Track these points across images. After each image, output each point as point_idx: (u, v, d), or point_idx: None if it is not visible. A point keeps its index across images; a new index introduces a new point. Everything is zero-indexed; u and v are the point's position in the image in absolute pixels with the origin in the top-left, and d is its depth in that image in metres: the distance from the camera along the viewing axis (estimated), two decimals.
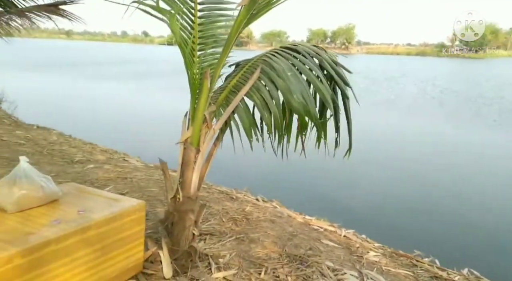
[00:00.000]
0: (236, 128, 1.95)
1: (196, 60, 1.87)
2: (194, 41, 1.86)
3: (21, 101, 8.33)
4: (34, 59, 26.11)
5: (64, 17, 6.14)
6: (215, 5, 1.98)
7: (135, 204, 1.75)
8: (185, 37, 1.80)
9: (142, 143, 7.41)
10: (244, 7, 1.73)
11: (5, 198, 1.53)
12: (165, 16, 1.66)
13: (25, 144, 4.29)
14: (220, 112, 1.95)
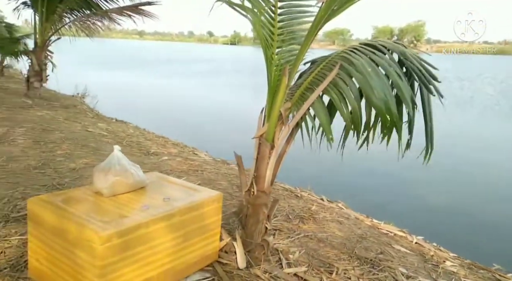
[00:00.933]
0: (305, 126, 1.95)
1: (274, 57, 1.89)
2: (273, 39, 1.88)
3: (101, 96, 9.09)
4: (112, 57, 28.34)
5: (143, 16, 6.60)
6: (295, 1, 1.98)
7: (213, 195, 1.83)
8: (266, 35, 1.83)
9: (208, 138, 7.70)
10: (325, 2, 1.72)
11: (101, 183, 1.69)
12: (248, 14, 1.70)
13: (107, 135, 4.68)
14: (295, 109, 1.96)
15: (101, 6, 6.61)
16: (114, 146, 1.81)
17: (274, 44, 1.88)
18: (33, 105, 5.85)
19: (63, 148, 3.56)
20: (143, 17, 6.59)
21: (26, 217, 2.07)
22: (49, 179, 2.68)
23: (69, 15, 6.67)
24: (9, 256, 1.69)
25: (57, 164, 3.06)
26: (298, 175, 2.15)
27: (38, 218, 1.53)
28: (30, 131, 3.98)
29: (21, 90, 7.27)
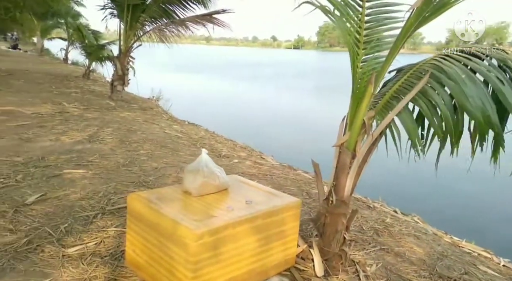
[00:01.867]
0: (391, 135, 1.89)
1: (359, 64, 1.87)
2: (359, 46, 1.87)
3: (173, 98, 9.63)
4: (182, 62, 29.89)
5: (216, 25, 6.91)
6: (383, 8, 1.95)
7: (293, 201, 1.86)
8: (352, 42, 1.82)
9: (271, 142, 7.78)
10: (416, 9, 1.66)
11: (190, 184, 1.80)
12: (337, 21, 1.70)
13: (182, 137, 4.95)
14: (378, 118, 1.92)
15: (179, 15, 7.05)
16: (202, 149, 1.92)
17: (360, 51, 1.86)
18: (116, 107, 6.39)
19: (145, 148, 3.84)
20: (214, 26, 6.90)
21: (120, 210, 2.29)
22: (136, 177, 2.91)
23: (150, 23, 7.20)
24: (108, 246, 1.87)
25: (141, 162, 3.31)
26: (365, 184, 2.08)
27: (136, 213, 1.68)
28: (116, 131, 4.35)
29: (105, 92, 8.00)
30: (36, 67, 12.96)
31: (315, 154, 2.03)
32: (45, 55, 23.26)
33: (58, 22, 20.88)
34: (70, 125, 4.34)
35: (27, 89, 7.02)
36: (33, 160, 2.95)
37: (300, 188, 3.36)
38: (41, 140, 3.58)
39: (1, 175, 2.56)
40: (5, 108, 4.80)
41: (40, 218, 2.05)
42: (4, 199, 2.21)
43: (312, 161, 2.09)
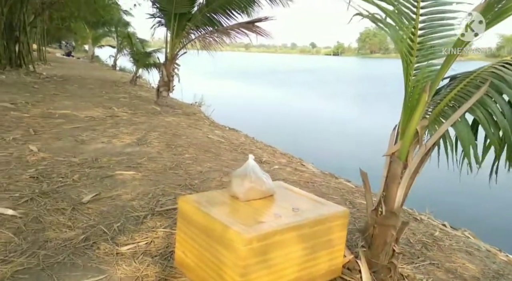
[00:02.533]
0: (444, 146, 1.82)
1: (412, 72, 1.82)
2: (412, 54, 1.82)
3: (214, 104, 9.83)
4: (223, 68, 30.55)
5: (258, 33, 7.01)
6: (438, 15, 1.89)
7: (341, 211, 1.83)
8: (405, 50, 1.78)
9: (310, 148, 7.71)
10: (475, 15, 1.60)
11: (238, 188, 1.83)
12: (389, 30, 1.67)
13: (224, 142, 5.04)
14: (431, 127, 1.85)
15: (223, 23, 7.22)
16: (249, 155, 1.95)
17: (413, 59, 1.82)
18: (161, 112, 6.63)
19: (190, 152, 3.94)
20: (257, 35, 7.00)
21: (168, 212, 2.37)
22: (182, 180, 3.00)
23: (194, 31, 7.43)
24: (157, 246, 1.94)
25: (187, 166, 3.41)
26: (410, 196, 2.00)
27: (187, 215, 1.73)
28: (162, 135, 4.51)
29: (150, 97, 8.32)
30: (88, 73, 13.78)
31: (357, 162, 2.00)
32: (95, 61, 24.68)
33: (109, 30, 22.12)
34: (120, 128, 4.56)
35: (81, 94, 7.47)
36: (87, 161, 3.13)
37: (343, 197, 3.31)
38: (94, 142, 3.79)
39: (60, 175, 2.74)
40: (62, 112, 5.14)
41: (95, 216, 2.17)
42: (63, 197, 2.36)
43: (360, 170, 2.05)
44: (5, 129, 3.85)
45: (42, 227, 1.96)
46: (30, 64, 11.09)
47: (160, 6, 7.03)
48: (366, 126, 11.42)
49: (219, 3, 6.87)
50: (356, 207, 3.10)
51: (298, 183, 3.54)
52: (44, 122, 4.38)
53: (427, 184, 5.56)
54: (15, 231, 1.88)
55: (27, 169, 2.75)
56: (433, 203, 4.36)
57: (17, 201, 2.21)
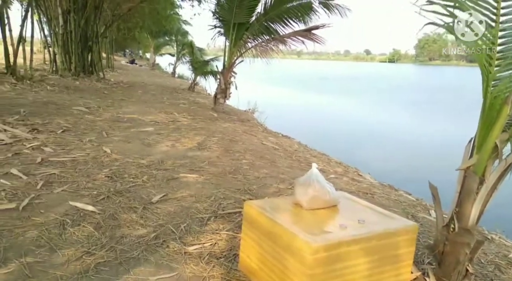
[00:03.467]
0: None
1: (492, 83, 1.72)
2: (491, 64, 1.72)
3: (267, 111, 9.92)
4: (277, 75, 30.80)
5: (314, 40, 7.00)
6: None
7: (409, 225, 1.77)
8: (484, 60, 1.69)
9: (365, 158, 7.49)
10: None
11: (302, 196, 1.84)
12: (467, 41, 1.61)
13: (278, 149, 5.08)
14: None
15: (279, 31, 7.31)
16: (313, 164, 1.95)
17: (492, 69, 1.72)
18: (218, 118, 6.84)
19: (246, 158, 4.03)
20: (314, 43, 6.99)
21: (230, 215, 2.44)
22: (241, 184, 3.07)
23: (251, 40, 7.60)
24: (221, 248, 2.01)
25: (245, 171, 3.48)
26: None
27: (252, 220, 1.78)
28: (220, 140, 4.66)
29: (208, 104, 8.62)
30: (150, 79, 14.62)
31: (415, 173, 1.92)
32: (156, 69, 26.11)
33: (169, 39, 23.36)
34: (182, 133, 4.78)
35: (144, 99, 7.95)
36: (154, 163, 3.32)
37: (404, 211, 3.17)
38: (159, 145, 4.01)
39: (130, 175, 2.94)
40: (129, 116, 5.51)
41: (164, 216, 2.30)
42: (134, 196, 2.53)
43: (430, 183, 1.97)
44: (82, 132, 4.21)
45: (117, 224, 2.11)
46: (100, 71, 12.02)
47: (221, 16, 7.30)
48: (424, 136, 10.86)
49: (277, 13, 6.97)
50: (419, 222, 2.95)
51: (357, 194, 3.46)
52: (114, 126, 4.73)
53: (496, 201, 5.14)
54: (95, 226, 2.05)
55: (102, 169, 2.98)
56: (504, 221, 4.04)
57: (95, 198, 2.41)
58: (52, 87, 7.71)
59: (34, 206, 2.21)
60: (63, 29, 10.41)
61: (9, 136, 3.64)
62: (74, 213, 2.18)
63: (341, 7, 6.79)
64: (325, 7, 6.84)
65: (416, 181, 5.62)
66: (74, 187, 2.56)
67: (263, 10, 7.12)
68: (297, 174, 3.80)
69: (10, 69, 8.04)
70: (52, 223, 2.03)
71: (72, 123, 4.53)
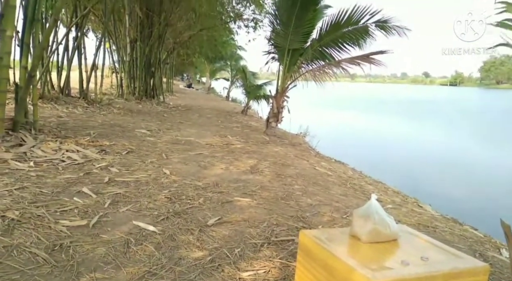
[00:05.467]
0: None
1: None
2: None
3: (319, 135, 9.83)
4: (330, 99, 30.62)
5: (373, 64, 6.88)
6: None
7: (480, 266, 1.63)
8: None
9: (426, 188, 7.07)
10: None
11: (360, 229, 1.79)
12: None
13: (331, 175, 4.99)
14: None
15: (333, 56, 7.32)
16: (372, 194, 1.90)
17: None
18: (270, 142, 6.91)
19: (299, 183, 4.01)
20: (371, 65, 6.87)
21: (283, 243, 2.43)
22: (294, 211, 3.06)
23: (306, 65, 7.68)
24: (275, 276, 2.00)
25: (297, 197, 3.46)
26: None
27: (308, 249, 1.76)
28: (272, 164, 4.69)
29: (260, 128, 8.77)
30: (206, 103, 15.25)
31: (480, 206, 1.77)
32: (211, 93, 27.23)
33: (225, 64, 24.37)
34: (235, 156, 4.90)
35: (201, 123, 8.30)
36: (210, 186, 3.42)
37: (471, 248, 2.94)
38: (214, 168, 4.14)
39: (188, 197, 3.05)
40: (187, 139, 5.77)
41: (219, 239, 2.35)
42: (192, 218, 2.62)
43: (501, 221, 1.83)
44: (144, 153, 4.49)
45: (176, 245, 2.20)
46: (161, 95, 12.80)
47: (275, 43, 7.50)
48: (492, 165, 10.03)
49: (332, 38, 7.01)
50: (489, 261, 2.72)
51: (417, 227, 3.28)
52: (173, 148, 4.98)
53: None
54: (156, 246, 2.15)
55: (162, 190, 3.14)
56: None
57: (156, 219, 2.53)
58: (118, 110, 8.34)
59: (102, 223, 2.38)
60: (129, 56, 11.33)
61: (81, 156, 3.98)
62: (137, 232, 2.31)
63: (399, 28, 6.64)
64: (382, 29, 6.73)
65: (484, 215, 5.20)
66: (137, 207, 2.72)
67: (318, 36, 7.21)
68: (352, 203, 3.71)
69: (83, 94, 8.86)
70: (118, 241, 2.16)
71: (135, 145, 4.85)
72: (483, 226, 3.85)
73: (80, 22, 8.60)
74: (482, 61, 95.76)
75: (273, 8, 7.72)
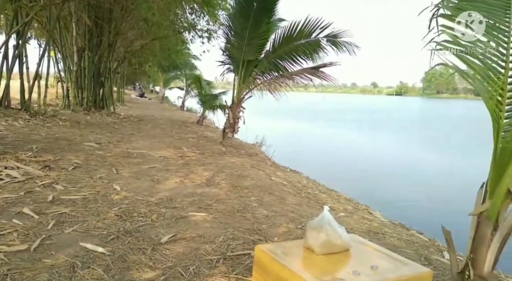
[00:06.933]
0: None
1: (503, 129, 1.74)
2: (502, 109, 1.75)
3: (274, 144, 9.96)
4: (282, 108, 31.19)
5: (321, 79, 7.15)
6: None
7: (424, 272, 1.72)
8: (494, 105, 1.72)
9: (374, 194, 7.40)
10: None
11: (314, 241, 1.82)
12: (477, 85, 1.65)
13: (287, 185, 5.06)
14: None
15: (287, 68, 7.51)
16: (325, 206, 1.95)
17: (502, 115, 1.75)
18: (226, 152, 6.88)
19: (255, 195, 4.02)
20: (321, 80, 7.14)
21: (239, 257, 2.40)
22: (250, 223, 3.05)
23: (260, 76, 7.80)
24: None
25: (253, 209, 3.46)
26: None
27: (263, 264, 1.75)
28: (229, 176, 4.66)
29: (216, 138, 8.71)
30: (159, 113, 14.89)
31: (426, 212, 1.90)
32: (165, 102, 26.66)
33: (178, 73, 24.02)
34: (191, 168, 4.81)
35: (154, 134, 8.07)
36: (163, 201, 3.32)
37: (417, 252, 3.10)
38: (168, 182, 4.03)
39: (140, 214, 2.94)
40: (139, 151, 5.58)
41: (173, 257, 2.28)
42: (144, 236, 2.52)
43: (443, 228, 1.95)
44: (92, 168, 4.26)
45: (127, 266, 2.10)
46: (111, 105, 12.31)
47: (230, 54, 7.54)
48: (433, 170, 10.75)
49: (285, 50, 7.19)
50: (433, 264, 2.88)
51: (368, 234, 3.40)
52: (124, 161, 4.78)
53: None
54: (105, 269, 2.03)
55: (112, 208, 2.99)
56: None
57: (105, 239, 2.40)
58: (64, 122, 7.88)
59: (45, 247, 2.22)
60: (77, 66, 10.81)
61: (22, 173, 3.70)
62: (84, 254, 2.17)
63: (349, 44, 6.95)
64: (333, 44, 7.02)
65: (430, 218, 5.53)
66: (85, 227, 2.56)
67: (272, 48, 7.36)
68: (307, 212, 3.77)
69: (24, 105, 8.28)
70: (63, 265, 2.02)
71: (83, 160, 4.60)
72: (428, 229, 4.09)
73: (21, 30, 8.08)
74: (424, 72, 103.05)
75: (227, 20, 7.77)
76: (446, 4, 1.80)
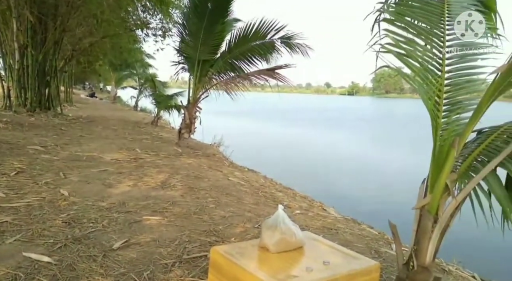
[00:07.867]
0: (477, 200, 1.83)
1: (440, 127, 1.87)
2: (439, 109, 1.88)
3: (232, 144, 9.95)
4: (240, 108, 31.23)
5: (277, 80, 7.26)
6: (464, 71, 1.97)
7: (373, 265, 1.81)
8: (432, 105, 1.85)
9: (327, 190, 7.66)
10: (500, 74, 1.67)
11: (269, 240, 1.85)
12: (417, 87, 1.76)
13: (244, 185, 5.07)
14: (461, 181, 1.87)
15: (243, 68, 7.53)
16: (279, 205, 1.98)
17: (440, 114, 1.88)
18: (183, 153, 6.77)
19: (212, 196, 3.99)
20: (277, 81, 7.25)
21: (195, 260, 2.38)
22: (206, 225, 3.03)
23: (217, 77, 7.75)
24: None
25: (210, 210, 3.44)
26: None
27: (219, 266, 1.75)
28: (185, 178, 4.59)
29: (171, 139, 8.53)
30: (111, 113, 14.30)
31: (376, 206, 2.01)
32: (117, 102, 25.64)
33: (131, 72, 23.21)
34: (145, 171, 4.68)
35: (105, 135, 7.74)
36: (115, 206, 3.20)
37: (368, 246, 3.25)
38: (120, 185, 3.89)
39: (90, 220, 2.81)
40: (89, 154, 5.33)
41: (125, 263, 2.20)
42: (94, 243, 2.42)
43: (389, 222, 2.05)
44: (37, 173, 4.01)
45: (76, 275, 2.00)
46: (58, 106, 11.62)
47: (185, 53, 7.42)
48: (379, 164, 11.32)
49: (241, 51, 7.21)
50: (382, 257, 3.03)
51: (322, 230, 3.51)
52: (73, 165, 4.54)
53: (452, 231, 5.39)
54: (51, 279, 1.92)
55: (59, 214, 2.83)
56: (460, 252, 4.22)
57: (51, 247, 2.27)
58: (5, 125, 7.33)
59: None
60: (19, 64, 10.07)
61: None
62: (28, 265, 2.04)
63: (302, 47, 7.11)
64: (287, 46, 7.15)
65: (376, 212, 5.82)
66: (29, 236, 2.40)
67: (227, 48, 7.35)
68: (264, 211, 3.81)
69: None
70: (3, 279, 1.88)
71: (26, 164, 4.30)
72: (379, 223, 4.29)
73: None
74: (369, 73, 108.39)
75: (182, 18, 7.64)
76: (387, 9, 1.90)
